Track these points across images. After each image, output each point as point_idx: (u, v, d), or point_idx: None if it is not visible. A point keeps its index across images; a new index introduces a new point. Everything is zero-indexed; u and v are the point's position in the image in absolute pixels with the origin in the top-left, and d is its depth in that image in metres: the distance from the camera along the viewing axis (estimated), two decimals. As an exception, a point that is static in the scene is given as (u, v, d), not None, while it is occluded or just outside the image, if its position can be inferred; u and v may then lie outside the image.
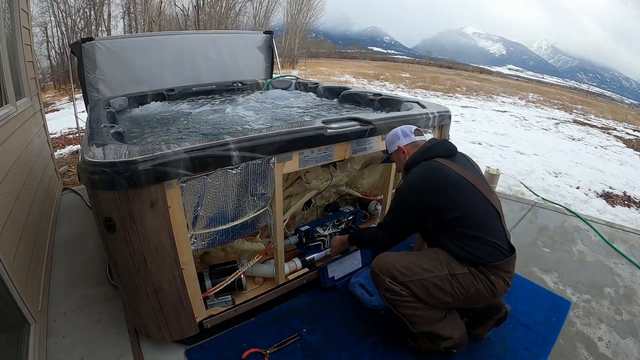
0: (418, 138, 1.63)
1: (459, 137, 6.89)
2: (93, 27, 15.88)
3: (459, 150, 1.57)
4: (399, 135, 1.64)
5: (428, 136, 1.68)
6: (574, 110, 16.04)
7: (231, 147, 1.36)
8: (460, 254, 1.35)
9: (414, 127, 1.67)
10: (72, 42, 4.11)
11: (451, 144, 1.56)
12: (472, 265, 1.34)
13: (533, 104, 16.07)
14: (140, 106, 2.67)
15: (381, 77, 21.17)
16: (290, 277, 1.90)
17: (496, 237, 1.36)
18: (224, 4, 19.99)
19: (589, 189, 4.91)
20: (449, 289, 1.35)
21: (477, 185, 1.41)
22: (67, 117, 7.46)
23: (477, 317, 1.59)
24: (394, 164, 2.06)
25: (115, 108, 2.36)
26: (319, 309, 1.82)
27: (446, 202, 1.36)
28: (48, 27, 15.06)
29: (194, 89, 3.09)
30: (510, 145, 6.94)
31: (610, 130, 11.37)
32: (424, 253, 1.47)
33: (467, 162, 1.55)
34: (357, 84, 17.09)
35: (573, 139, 9.03)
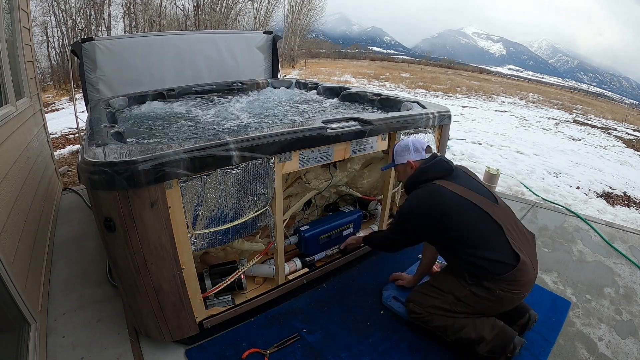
0: (427, 156, 1.64)
1: (459, 137, 6.89)
2: (93, 27, 15.84)
3: (455, 163, 1.63)
4: (411, 149, 1.65)
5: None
6: (574, 110, 16.03)
7: (231, 147, 1.36)
8: (461, 271, 1.46)
9: (426, 144, 1.67)
10: (72, 42, 4.13)
11: (447, 162, 1.60)
12: (475, 282, 1.42)
13: (533, 104, 16.06)
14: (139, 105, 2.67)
15: (381, 77, 21.16)
16: (290, 277, 1.90)
17: (497, 252, 1.39)
18: (224, 4, 19.97)
19: (589, 189, 4.90)
20: (456, 309, 1.48)
21: (479, 202, 1.46)
22: (67, 117, 7.46)
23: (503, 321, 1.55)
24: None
25: (115, 108, 2.36)
26: (319, 309, 1.82)
27: (444, 225, 1.44)
28: (48, 27, 15.03)
29: (194, 89, 3.09)
30: (510, 145, 6.93)
31: (610, 130, 11.36)
32: (435, 279, 1.62)
33: (468, 177, 1.60)
34: (357, 84, 17.08)
35: (573, 139, 9.02)
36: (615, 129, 11.82)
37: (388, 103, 2.50)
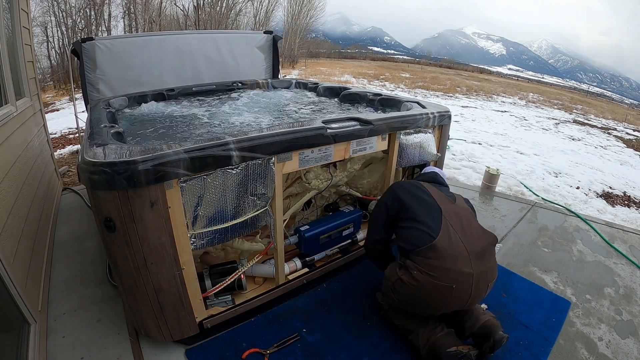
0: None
1: (459, 137, 6.89)
2: (93, 27, 15.85)
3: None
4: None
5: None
6: (574, 110, 16.04)
7: (231, 147, 1.36)
8: (398, 252, 1.60)
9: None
10: (72, 42, 4.13)
11: (440, 177, 1.89)
12: (402, 262, 1.52)
13: (533, 104, 16.07)
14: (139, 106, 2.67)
15: (381, 77, 21.17)
16: (290, 277, 1.90)
17: (426, 224, 1.50)
18: (224, 4, 19.97)
19: (589, 189, 4.90)
20: (396, 298, 1.56)
21: (434, 194, 1.65)
22: (67, 117, 7.46)
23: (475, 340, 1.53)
24: (393, 165, 2.07)
25: (115, 108, 2.36)
26: (319, 309, 1.82)
27: (399, 197, 1.65)
28: (48, 27, 15.03)
29: (194, 89, 3.09)
30: (510, 145, 6.93)
31: (610, 130, 11.37)
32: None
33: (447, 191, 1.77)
34: (357, 84, 17.08)
35: (573, 139, 9.02)
36: (615, 129, 11.83)
37: (388, 103, 2.50)
